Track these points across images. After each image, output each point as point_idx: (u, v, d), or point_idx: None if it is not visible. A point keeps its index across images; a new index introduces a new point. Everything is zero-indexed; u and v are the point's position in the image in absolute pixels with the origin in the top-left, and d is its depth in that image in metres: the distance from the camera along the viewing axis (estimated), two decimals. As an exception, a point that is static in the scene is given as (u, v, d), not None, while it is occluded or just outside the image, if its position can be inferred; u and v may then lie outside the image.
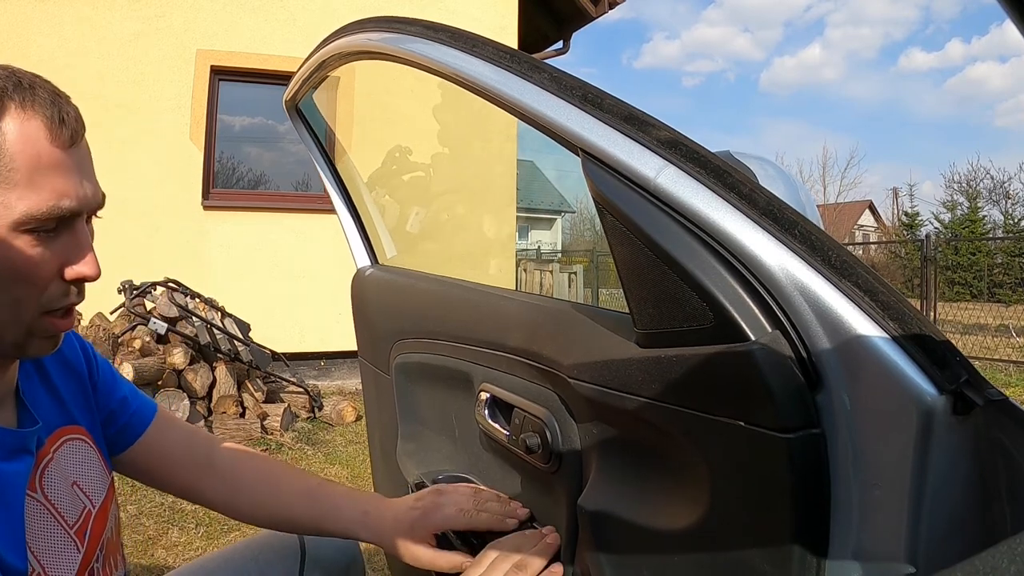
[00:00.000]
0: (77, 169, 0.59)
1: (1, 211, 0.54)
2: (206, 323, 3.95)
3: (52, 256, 0.58)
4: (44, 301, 0.59)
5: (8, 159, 0.54)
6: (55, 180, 0.56)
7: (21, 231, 0.55)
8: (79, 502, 0.68)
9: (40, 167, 0.55)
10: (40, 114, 0.56)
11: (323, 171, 1.18)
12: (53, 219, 0.57)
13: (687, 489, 0.54)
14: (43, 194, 0.55)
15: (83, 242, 0.60)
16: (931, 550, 0.42)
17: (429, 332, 0.94)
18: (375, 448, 1.17)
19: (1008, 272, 15.03)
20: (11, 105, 0.55)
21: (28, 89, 0.56)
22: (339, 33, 0.88)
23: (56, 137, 0.56)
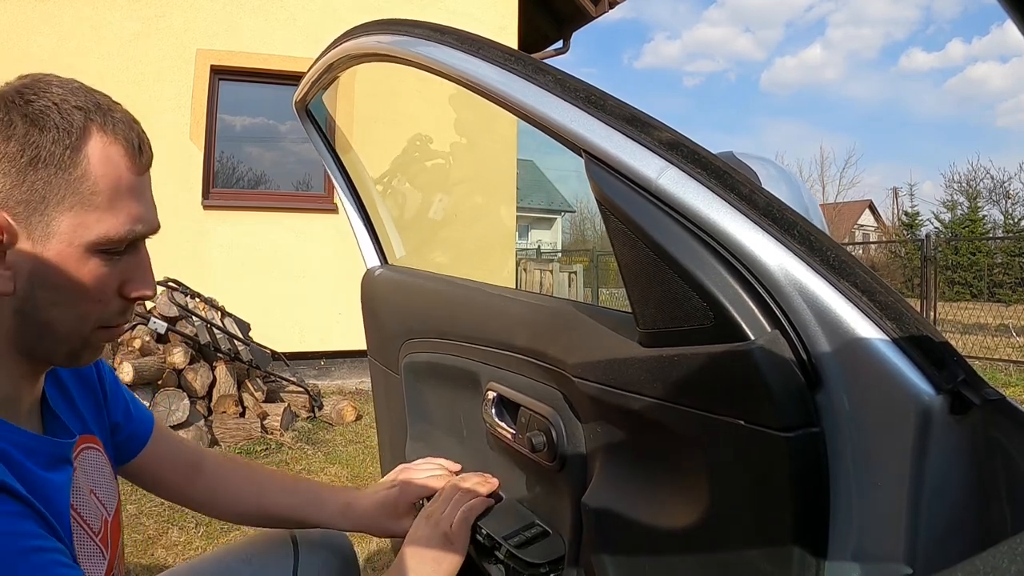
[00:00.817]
0: (149, 192, 0.61)
1: (79, 231, 0.56)
2: (206, 323, 3.95)
3: (116, 275, 0.60)
4: (104, 317, 0.61)
5: (92, 182, 0.56)
6: (132, 205, 0.58)
7: (94, 251, 0.57)
8: (98, 511, 0.70)
9: (120, 192, 0.57)
10: (121, 139, 0.58)
11: (333, 172, 1.19)
12: (126, 242, 0.59)
13: (689, 487, 0.55)
14: (120, 218, 0.57)
15: (145, 264, 0.63)
16: (930, 548, 0.42)
17: (438, 332, 0.94)
18: (384, 447, 1.18)
19: (1008, 272, 15.03)
20: (93, 128, 0.57)
21: (107, 111, 0.58)
22: (348, 35, 0.89)
23: (135, 163, 0.59)
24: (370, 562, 2.40)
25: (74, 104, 0.57)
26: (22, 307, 0.57)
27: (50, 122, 0.55)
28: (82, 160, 0.56)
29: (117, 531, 0.74)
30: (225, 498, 0.87)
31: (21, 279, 0.56)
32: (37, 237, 0.56)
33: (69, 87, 0.60)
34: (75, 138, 0.56)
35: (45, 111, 0.56)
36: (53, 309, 0.58)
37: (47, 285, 0.57)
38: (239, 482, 0.87)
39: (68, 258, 0.56)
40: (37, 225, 0.55)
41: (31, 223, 0.55)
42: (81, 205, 0.56)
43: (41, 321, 0.58)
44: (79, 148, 0.56)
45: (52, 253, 0.56)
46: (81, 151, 0.56)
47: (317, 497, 0.85)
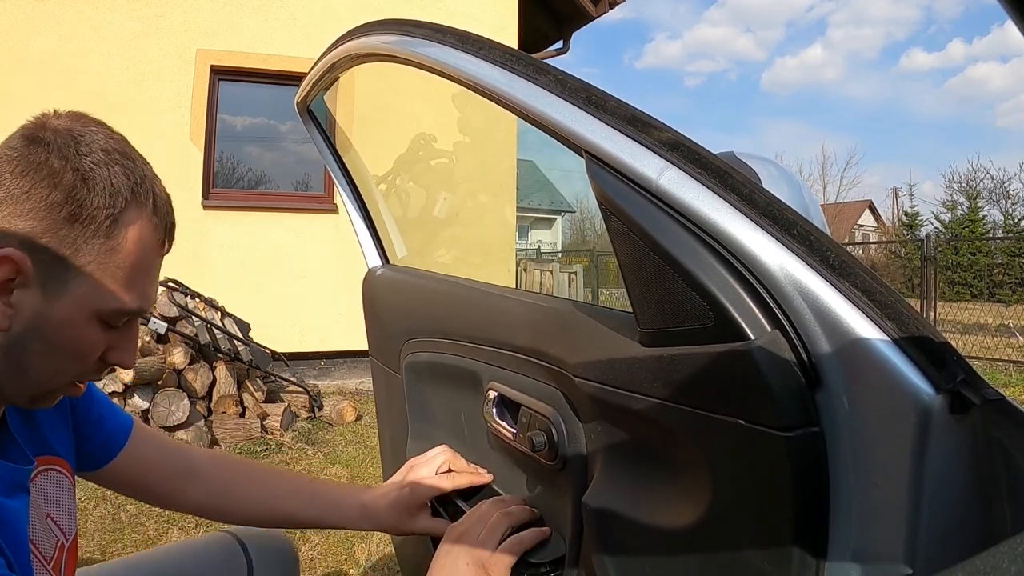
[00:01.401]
0: (158, 272, 0.62)
1: (93, 299, 0.56)
2: (206, 323, 3.95)
3: (105, 341, 0.60)
4: (79, 375, 0.62)
5: (122, 258, 0.57)
6: (147, 285, 0.60)
7: (97, 320, 0.58)
8: (52, 536, 0.69)
9: (141, 272, 0.59)
10: (157, 219, 0.59)
11: (334, 172, 1.19)
12: (130, 317, 0.60)
13: (689, 487, 0.55)
14: (134, 296, 0.58)
15: (133, 337, 0.63)
16: (930, 549, 0.42)
17: (439, 332, 0.94)
18: (386, 446, 1.18)
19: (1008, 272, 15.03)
20: (137, 202, 0.57)
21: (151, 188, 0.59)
22: (350, 35, 0.89)
23: (163, 248, 0.61)
24: (369, 560, 2.40)
25: (122, 172, 0.57)
26: (8, 347, 0.57)
27: (99, 185, 0.55)
28: (119, 233, 0.56)
29: (73, 558, 0.72)
30: (229, 501, 0.86)
31: (19, 323, 0.56)
32: (50, 290, 0.55)
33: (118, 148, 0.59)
34: (119, 210, 0.56)
35: (95, 170, 0.55)
36: (38, 359, 0.58)
37: (42, 338, 0.57)
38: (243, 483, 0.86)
39: (73, 320, 0.57)
40: (55, 279, 0.55)
41: (50, 275, 0.55)
42: (104, 275, 0.56)
43: (22, 365, 0.58)
44: (119, 221, 0.56)
45: (59, 311, 0.56)
46: (120, 224, 0.56)
47: (332, 500, 0.86)
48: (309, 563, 2.39)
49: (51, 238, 0.54)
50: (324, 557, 2.43)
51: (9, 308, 0.55)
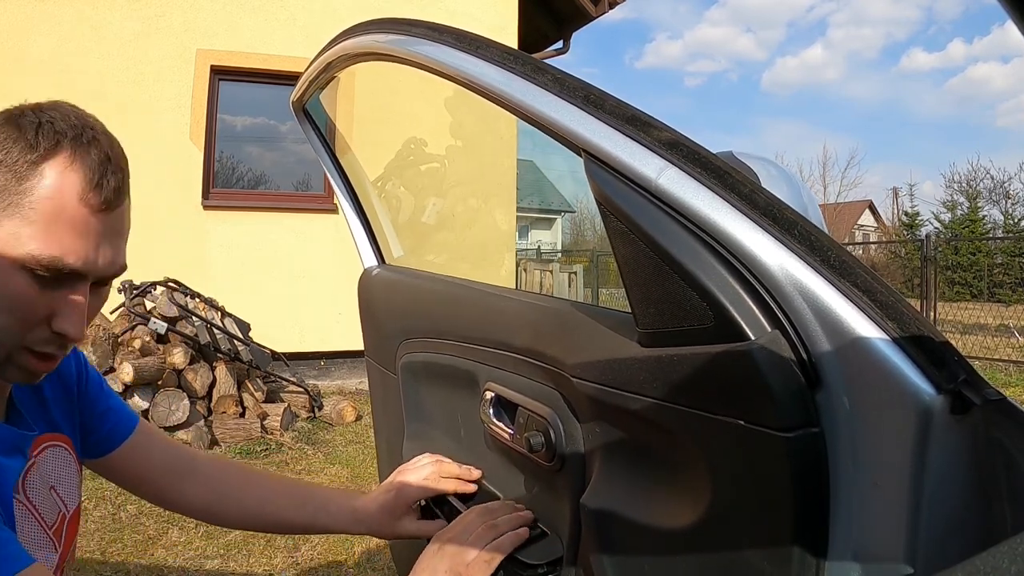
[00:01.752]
0: (98, 234, 0.59)
1: (11, 241, 0.56)
2: (206, 323, 3.95)
3: (44, 302, 0.59)
4: (28, 340, 0.60)
5: (34, 199, 0.56)
6: (68, 236, 0.57)
7: (20, 267, 0.57)
8: (56, 506, 0.72)
9: (59, 219, 0.57)
10: (81, 171, 0.58)
11: (330, 172, 1.19)
12: (53, 270, 0.58)
13: (688, 488, 0.55)
14: (50, 243, 0.57)
15: (76, 303, 0.61)
16: (931, 549, 0.42)
17: (435, 332, 0.94)
18: (381, 447, 1.18)
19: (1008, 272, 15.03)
20: (61, 154, 0.57)
21: (84, 145, 0.58)
22: (346, 34, 0.88)
23: (86, 198, 0.58)
24: (370, 562, 2.40)
25: (58, 128, 0.58)
26: None
27: (27, 135, 0.57)
28: (34, 177, 0.56)
29: (73, 529, 0.75)
30: (225, 504, 0.88)
31: None
32: None
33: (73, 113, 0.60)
34: (38, 155, 0.57)
35: (29, 125, 0.58)
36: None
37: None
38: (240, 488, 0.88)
39: None
40: None
41: None
42: (20, 217, 0.56)
43: None
44: (38, 164, 0.57)
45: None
46: (38, 168, 0.57)
47: (323, 505, 0.88)
48: (309, 563, 2.39)
49: None
50: (324, 557, 2.43)
51: None
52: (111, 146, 0.61)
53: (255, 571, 2.34)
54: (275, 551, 2.46)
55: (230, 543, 2.50)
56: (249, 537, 2.55)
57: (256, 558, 2.41)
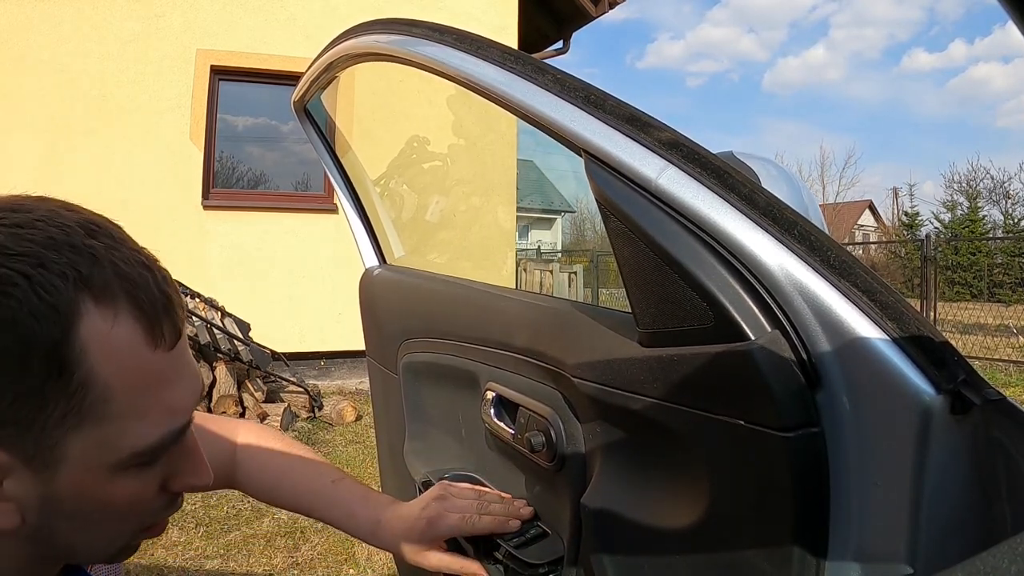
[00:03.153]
0: (179, 368, 0.45)
1: (97, 453, 0.42)
2: (206, 323, 3.95)
3: (157, 477, 0.47)
4: (145, 522, 0.49)
5: (101, 388, 0.40)
6: (163, 397, 0.44)
7: (123, 470, 0.44)
8: None
9: (145, 386, 0.42)
10: (132, 309, 0.41)
11: (331, 171, 1.19)
12: (165, 447, 0.45)
13: (688, 487, 0.55)
14: (151, 420, 0.43)
15: (193, 451, 0.49)
16: (931, 549, 0.42)
17: (436, 332, 0.94)
18: (383, 447, 1.18)
19: (1008, 272, 15.03)
20: (88, 303, 0.40)
21: (108, 265, 0.41)
22: (347, 35, 0.89)
23: (158, 337, 0.43)
24: (370, 562, 2.40)
25: (57, 269, 0.39)
26: (35, 535, 0.44)
27: (22, 307, 0.38)
28: (80, 359, 0.39)
29: None
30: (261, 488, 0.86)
31: (31, 512, 0.43)
32: (39, 467, 0.41)
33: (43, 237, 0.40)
34: (62, 329, 0.39)
35: (12, 285, 0.38)
36: (78, 535, 0.46)
37: (66, 515, 0.44)
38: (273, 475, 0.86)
39: (88, 488, 0.43)
40: (33, 450, 0.40)
41: (25, 448, 0.40)
42: (92, 421, 0.41)
43: (62, 546, 0.46)
44: (71, 343, 0.39)
45: (64, 485, 0.42)
46: (76, 346, 0.39)
47: (349, 510, 0.82)
48: (309, 563, 2.39)
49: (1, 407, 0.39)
50: (324, 557, 2.43)
51: (9, 502, 0.42)
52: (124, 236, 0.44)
53: (255, 571, 2.34)
54: (275, 551, 2.46)
55: (230, 543, 2.50)
56: (249, 537, 2.55)
57: (256, 558, 2.41)
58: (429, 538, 0.76)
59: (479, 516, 0.75)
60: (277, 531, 2.59)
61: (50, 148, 4.55)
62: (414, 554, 0.77)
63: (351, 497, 0.83)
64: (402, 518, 0.78)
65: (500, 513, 0.76)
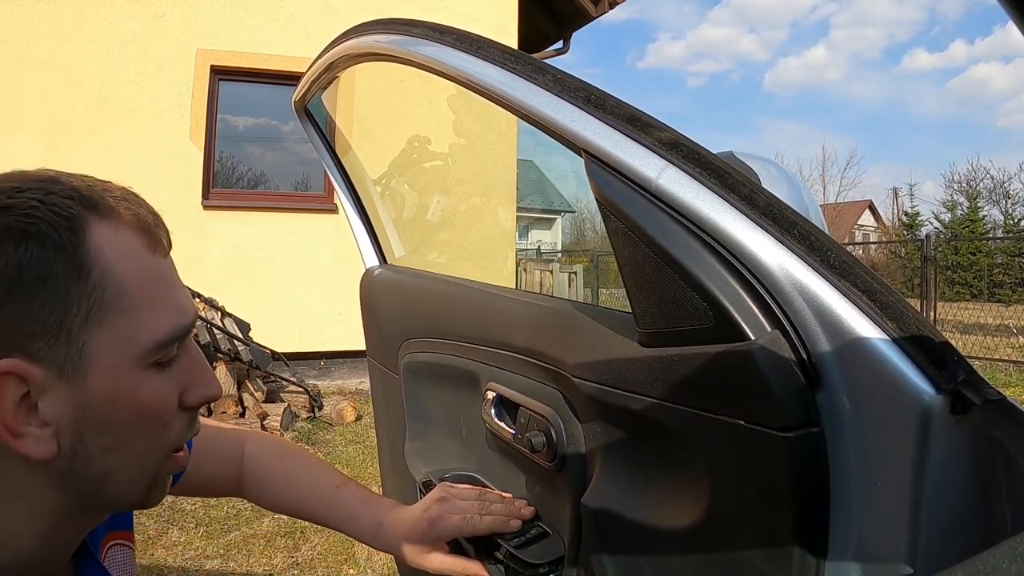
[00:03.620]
0: (177, 276, 0.52)
1: (123, 347, 0.46)
2: (206, 323, 3.95)
3: (175, 387, 0.50)
4: (171, 442, 0.52)
5: (117, 283, 0.46)
6: (168, 295, 0.49)
7: (147, 367, 0.48)
8: None
9: (150, 286, 0.48)
10: (130, 221, 0.48)
11: (331, 171, 1.19)
12: (177, 341, 0.49)
13: (689, 487, 0.55)
14: (163, 316, 0.48)
15: (200, 361, 0.53)
16: (931, 549, 0.42)
17: (437, 332, 0.94)
18: (383, 447, 1.18)
19: (1008, 272, 15.04)
20: (93, 218, 0.46)
21: (102, 193, 0.48)
22: (348, 35, 0.89)
23: (155, 246, 0.49)
24: (369, 561, 2.40)
25: (64, 194, 0.46)
26: (69, 467, 0.47)
27: (42, 225, 0.44)
28: (96, 260, 0.45)
29: None
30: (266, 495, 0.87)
31: (67, 434, 0.46)
32: (70, 374, 0.45)
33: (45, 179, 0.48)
34: (78, 237, 0.45)
35: (32, 213, 0.44)
36: (110, 457, 0.48)
37: (99, 428, 0.47)
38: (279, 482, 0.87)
39: (120, 388, 0.46)
40: (66, 358, 0.44)
41: (58, 358, 0.44)
42: (113, 315, 0.45)
43: (95, 476, 0.48)
44: (87, 248, 0.45)
45: (98, 388, 0.46)
46: (90, 250, 0.45)
47: (352, 514, 0.82)
48: (309, 563, 2.39)
49: (29, 321, 0.43)
50: (324, 557, 2.43)
51: (46, 427, 0.45)
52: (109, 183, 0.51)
53: (255, 571, 2.34)
54: (275, 551, 2.46)
55: (230, 543, 2.50)
56: (249, 537, 2.55)
57: (256, 558, 2.41)
58: (431, 539, 0.76)
59: (480, 517, 0.75)
60: (277, 531, 2.59)
61: (50, 148, 4.55)
62: (416, 555, 0.77)
63: (354, 501, 0.83)
64: (404, 520, 0.78)
65: (501, 513, 0.76)
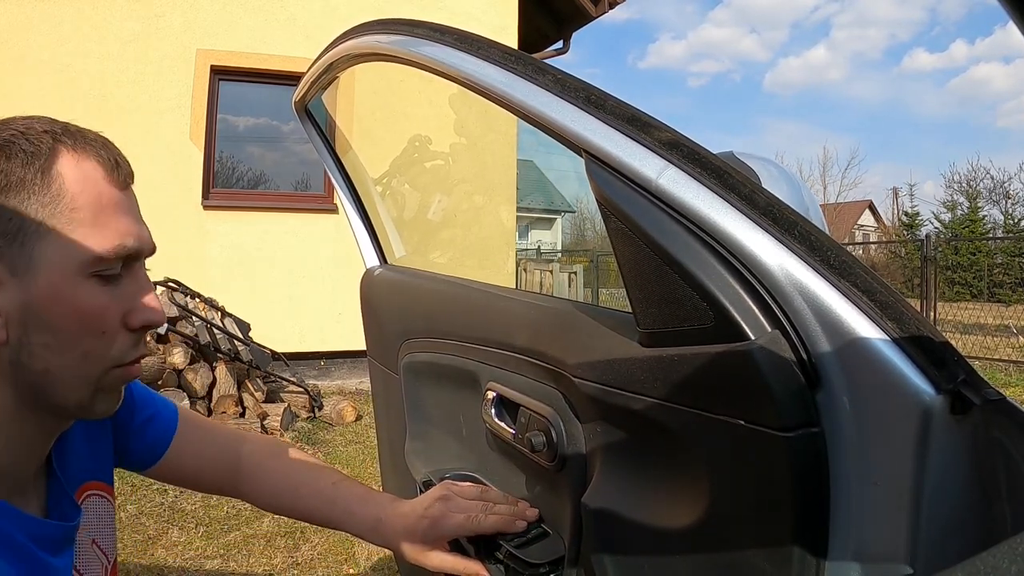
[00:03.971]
0: (133, 209, 0.58)
1: (66, 255, 0.53)
2: (206, 323, 3.95)
3: (118, 304, 0.56)
4: (114, 355, 0.57)
5: (70, 199, 0.53)
6: (118, 219, 0.55)
7: (87, 275, 0.54)
8: (97, 560, 0.69)
9: (102, 206, 0.54)
10: (94, 155, 0.56)
11: (332, 172, 1.19)
12: (119, 259, 0.55)
13: (689, 487, 0.55)
14: (107, 235, 0.54)
15: (146, 286, 0.58)
16: (931, 549, 0.42)
17: (437, 332, 0.94)
18: (383, 447, 1.18)
19: (1008, 272, 15.04)
20: (63, 148, 0.54)
21: (77, 133, 0.56)
22: (348, 35, 0.89)
23: (113, 176, 0.56)
24: (369, 561, 2.40)
25: (41, 129, 0.54)
26: (17, 359, 0.54)
27: (16, 148, 0.52)
28: (55, 178, 0.53)
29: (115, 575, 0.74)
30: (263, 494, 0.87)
31: (14, 325, 0.52)
32: (21, 272, 0.52)
33: (34, 118, 0.57)
34: (44, 159, 0.53)
35: (11, 139, 0.53)
36: (49, 354, 0.54)
37: (41, 326, 0.53)
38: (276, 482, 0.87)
39: (60, 289, 0.53)
40: (19, 259, 0.52)
41: (12, 257, 0.52)
42: (63, 226, 0.52)
43: (38, 370, 0.54)
44: (50, 168, 0.53)
45: (41, 287, 0.52)
46: (53, 170, 0.53)
47: (349, 509, 0.82)
48: (309, 563, 2.39)
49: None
50: (324, 557, 2.43)
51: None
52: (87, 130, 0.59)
53: (255, 571, 2.34)
54: (275, 551, 2.46)
55: (230, 543, 2.50)
56: (249, 537, 2.55)
57: (256, 558, 2.41)
58: (432, 538, 0.75)
59: (484, 515, 0.75)
60: (277, 531, 2.59)
61: (50, 148, 4.54)
62: (416, 553, 0.76)
63: (351, 497, 0.83)
64: (404, 516, 0.78)
65: (505, 513, 0.75)
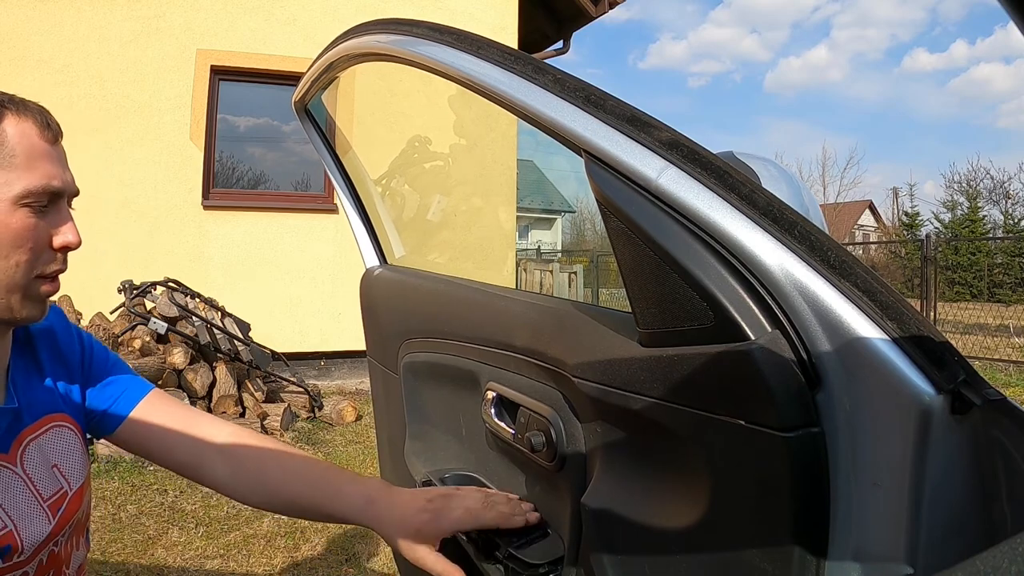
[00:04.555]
0: (60, 161, 0.75)
1: (5, 188, 0.69)
2: (206, 323, 3.95)
3: (43, 229, 0.72)
4: (39, 266, 0.72)
5: (10, 148, 0.70)
6: (46, 166, 0.72)
7: (20, 205, 0.70)
8: (57, 482, 0.79)
9: (34, 155, 0.71)
10: (31, 117, 0.72)
11: (332, 171, 1.19)
12: (46, 195, 0.71)
13: (689, 487, 0.55)
14: (37, 175, 0.71)
15: (67, 217, 0.75)
16: (931, 549, 0.42)
17: (437, 332, 0.94)
18: (383, 447, 1.18)
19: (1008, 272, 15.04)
20: (8, 112, 0.71)
21: (21, 103, 0.73)
22: (348, 35, 0.89)
23: (44, 134, 0.73)
24: (369, 561, 2.40)
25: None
26: None
27: None
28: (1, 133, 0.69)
29: (76, 505, 0.81)
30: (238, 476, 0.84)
31: None
32: None
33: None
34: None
35: None
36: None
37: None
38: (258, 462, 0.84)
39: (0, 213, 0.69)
40: None
41: None
42: (3, 167, 0.69)
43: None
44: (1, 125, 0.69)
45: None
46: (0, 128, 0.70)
47: (336, 487, 0.80)
48: (309, 563, 2.39)
49: None
50: (324, 557, 2.43)
51: None
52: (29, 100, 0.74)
53: (255, 571, 2.34)
54: (275, 551, 2.46)
55: (230, 543, 2.50)
56: (249, 537, 2.55)
57: (256, 558, 2.41)
58: (430, 534, 0.74)
59: (484, 511, 0.74)
60: (277, 531, 2.59)
61: (50, 148, 4.55)
62: (408, 548, 0.75)
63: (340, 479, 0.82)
64: (401, 504, 0.76)
65: (505, 510, 0.75)
